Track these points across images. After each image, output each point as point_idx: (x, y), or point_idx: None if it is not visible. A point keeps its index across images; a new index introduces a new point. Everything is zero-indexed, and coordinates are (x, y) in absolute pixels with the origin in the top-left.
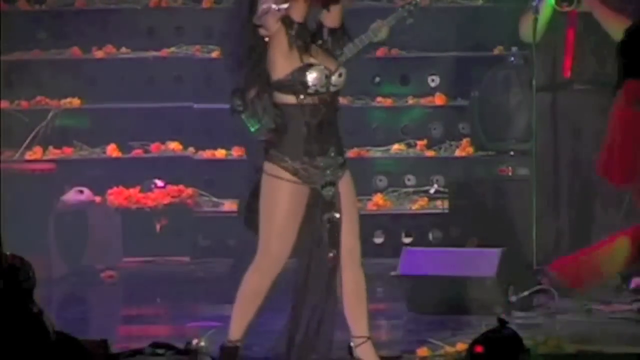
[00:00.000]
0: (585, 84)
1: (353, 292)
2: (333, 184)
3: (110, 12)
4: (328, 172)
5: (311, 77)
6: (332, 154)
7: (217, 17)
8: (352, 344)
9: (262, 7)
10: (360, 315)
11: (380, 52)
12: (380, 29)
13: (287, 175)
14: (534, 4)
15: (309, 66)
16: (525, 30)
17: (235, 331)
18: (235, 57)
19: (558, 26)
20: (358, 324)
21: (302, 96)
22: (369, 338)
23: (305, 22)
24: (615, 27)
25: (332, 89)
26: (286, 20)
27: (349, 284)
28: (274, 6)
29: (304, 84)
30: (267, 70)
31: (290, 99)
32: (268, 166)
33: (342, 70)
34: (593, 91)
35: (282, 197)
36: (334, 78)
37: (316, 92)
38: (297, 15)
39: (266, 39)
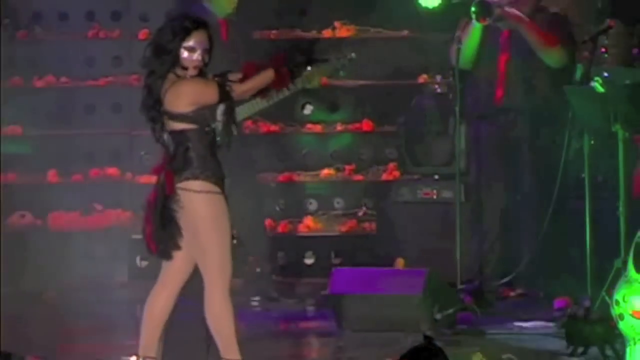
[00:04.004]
0: (516, 111)
1: (213, 319)
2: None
3: (50, 43)
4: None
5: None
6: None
7: None
8: None
9: (190, 43)
10: (224, 339)
11: None
12: (312, 77)
13: (217, 188)
14: (457, 34)
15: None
16: (455, 59)
17: (150, 347)
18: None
19: (491, 54)
20: (227, 348)
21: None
22: None
23: None
24: (542, 45)
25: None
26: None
27: (209, 312)
28: (198, 52)
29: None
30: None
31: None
32: (198, 184)
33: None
34: (522, 119)
35: (224, 210)
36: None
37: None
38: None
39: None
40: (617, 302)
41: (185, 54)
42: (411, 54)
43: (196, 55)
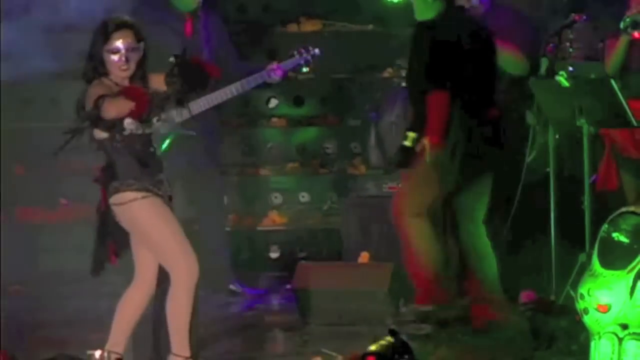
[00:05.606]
0: None
1: (174, 313)
2: (171, 198)
3: (13, 36)
4: (167, 186)
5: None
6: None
7: None
8: None
9: (112, 45)
10: (178, 335)
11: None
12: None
13: (143, 193)
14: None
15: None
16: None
17: (118, 344)
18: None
19: None
20: (179, 344)
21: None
22: (189, 358)
23: None
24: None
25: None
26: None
27: (170, 306)
28: (122, 53)
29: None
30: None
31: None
32: (122, 197)
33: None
34: None
35: (159, 208)
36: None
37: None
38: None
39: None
40: (582, 296)
41: (110, 57)
42: (376, 48)
43: (118, 56)
